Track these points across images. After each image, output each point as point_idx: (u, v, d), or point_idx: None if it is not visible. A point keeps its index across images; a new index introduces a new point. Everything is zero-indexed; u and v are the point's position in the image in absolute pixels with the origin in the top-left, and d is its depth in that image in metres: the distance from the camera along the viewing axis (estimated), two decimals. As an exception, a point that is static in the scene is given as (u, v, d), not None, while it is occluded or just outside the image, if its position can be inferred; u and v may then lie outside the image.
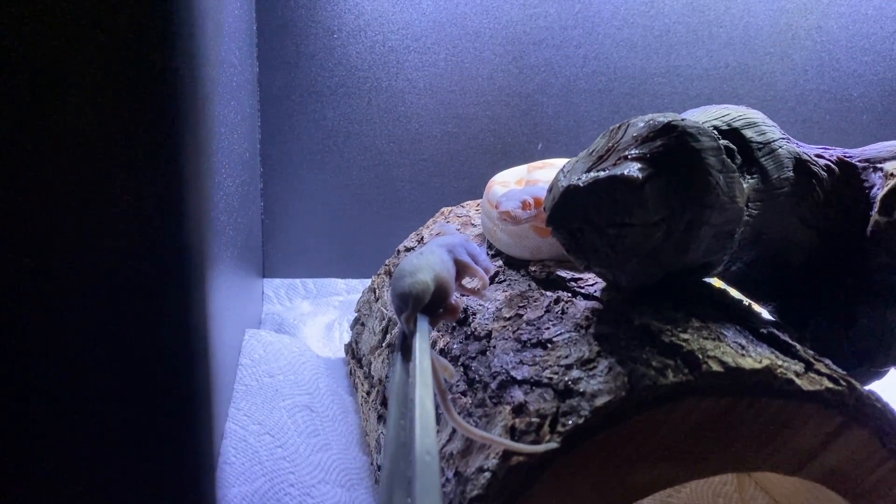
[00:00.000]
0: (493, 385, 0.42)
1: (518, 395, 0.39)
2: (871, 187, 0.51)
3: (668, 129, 0.40)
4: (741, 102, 1.05)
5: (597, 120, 1.03)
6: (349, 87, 0.97)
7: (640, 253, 0.39)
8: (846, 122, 1.09)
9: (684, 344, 0.38)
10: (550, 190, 0.43)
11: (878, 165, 0.52)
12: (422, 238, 0.76)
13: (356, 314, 0.80)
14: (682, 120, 0.41)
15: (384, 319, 0.67)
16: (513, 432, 0.36)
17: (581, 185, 0.39)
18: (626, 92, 1.02)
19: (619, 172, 0.38)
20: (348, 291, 1.05)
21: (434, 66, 0.98)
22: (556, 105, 1.02)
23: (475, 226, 0.71)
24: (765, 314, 0.52)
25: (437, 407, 0.33)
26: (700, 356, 0.37)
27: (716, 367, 0.36)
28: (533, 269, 0.54)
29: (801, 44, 1.04)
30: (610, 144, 0.42)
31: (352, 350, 0.76)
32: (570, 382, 0.37)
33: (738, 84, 1.05)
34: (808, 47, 1.05)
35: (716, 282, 0.57)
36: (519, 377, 0.40)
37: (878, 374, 0.51)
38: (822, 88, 1.07)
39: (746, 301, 0.51)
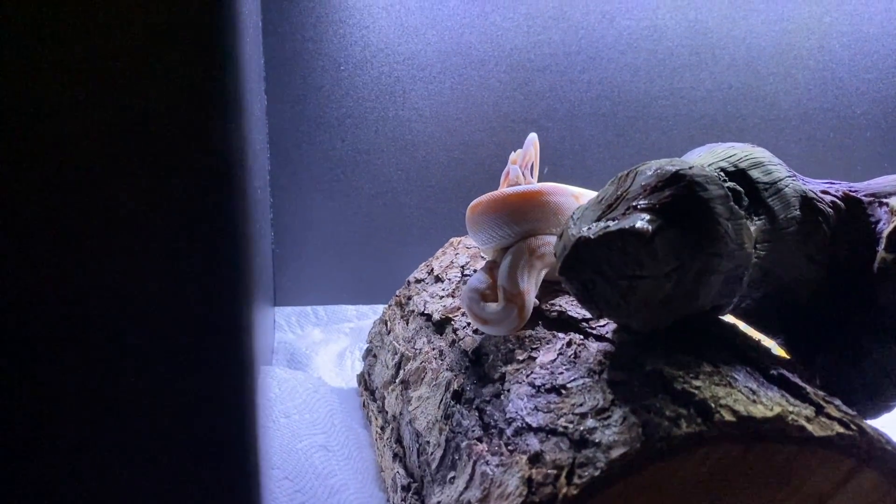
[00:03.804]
0: (509, 431, 0.42)
1: (534, 443, 0.40)
2: (877, 222, 0.52)
3: (676, 178, 0.41)
4: (745, 123, 1.06)
5: (602, 144, 1.04)
6: (356, 118, 0.99)
7: (652, 303, 0.40)
8: (850, 139, 1.09)
9: (696, 392, 0.38)
10: (561, 237, 0.44)
11: (884, 200, 0.52)
12: (432, 269, 0.76)
13: (368, 345, 0.81)
14: (690, 168, 0.42)
15: (396, 354, 0.67)
16: (530, 483, 0.37)
17: (592, 237, 0.39)
18: (631, 115, 1.03)
19: (628, 225, 0.39)
20: (359, 318, 1.06)
21: (440, 95, 0.99)
22: (561, 130, 1.03)
23: (485, 258, 0.71)
24: (774, 348, 0.52)
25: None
26: (712, 405, 0.37)
27: (728, 416, 0.36)
28: (544, 307, 0.55)
29: (803, 63, 1.05)
30: (619, 193, 0.43)
31: (364, 381, 0.77)
32: (585, 432, 0.38)
33: (742, 105, 1.06)
34: (811, 67, 1.06)
35: (726, 316, 0.57)
36: (534, 424, 0.41)
37: (887, 408, 0.52)
38: (825, 107, 1.08)
39: (756, 336, 0.52)
